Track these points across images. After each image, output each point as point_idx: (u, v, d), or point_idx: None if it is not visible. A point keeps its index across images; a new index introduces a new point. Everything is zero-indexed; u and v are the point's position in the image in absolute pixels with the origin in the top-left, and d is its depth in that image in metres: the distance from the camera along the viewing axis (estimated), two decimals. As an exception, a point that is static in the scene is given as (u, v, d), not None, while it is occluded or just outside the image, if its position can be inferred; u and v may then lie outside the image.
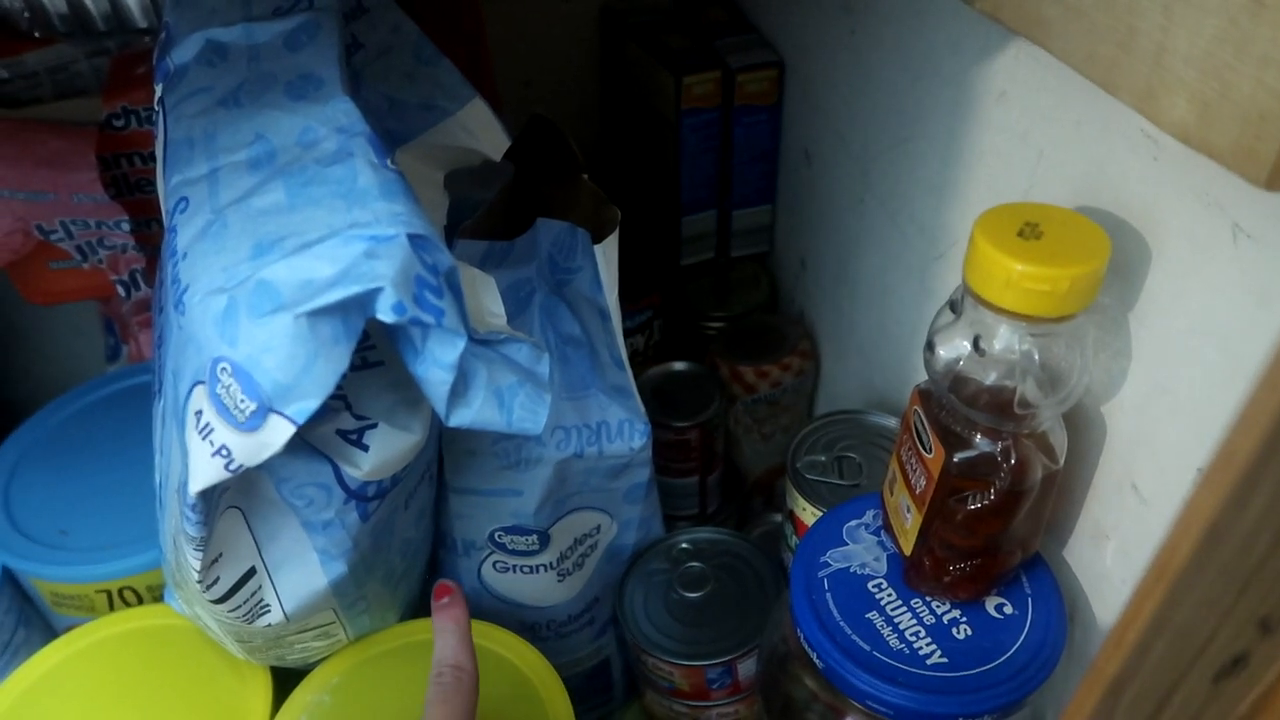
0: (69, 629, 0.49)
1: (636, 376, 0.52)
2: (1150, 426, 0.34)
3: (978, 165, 0.43)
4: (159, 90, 0.41)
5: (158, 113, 0.40)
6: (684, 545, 0.56)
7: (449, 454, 0.49)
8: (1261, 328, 0.29)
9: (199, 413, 0.32)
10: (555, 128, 0.52)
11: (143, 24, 0.60)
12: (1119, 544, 0.37)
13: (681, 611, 0.53)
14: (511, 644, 0.47)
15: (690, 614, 0.52)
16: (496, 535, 0.51)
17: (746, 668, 0.51)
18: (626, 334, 0.53)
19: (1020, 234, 0.32)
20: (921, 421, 0.37)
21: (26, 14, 0.58)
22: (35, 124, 0.57)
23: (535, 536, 0.51)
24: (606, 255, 0.48)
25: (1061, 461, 0.36)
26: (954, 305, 0.35)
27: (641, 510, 0.55)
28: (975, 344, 0.34)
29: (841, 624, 0.39)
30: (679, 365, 0.64)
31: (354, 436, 0.39)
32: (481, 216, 0.49)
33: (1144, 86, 0.27)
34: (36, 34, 0.58)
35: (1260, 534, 0.18)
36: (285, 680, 0.47)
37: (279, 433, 0.31)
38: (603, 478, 0.52)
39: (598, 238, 0.48)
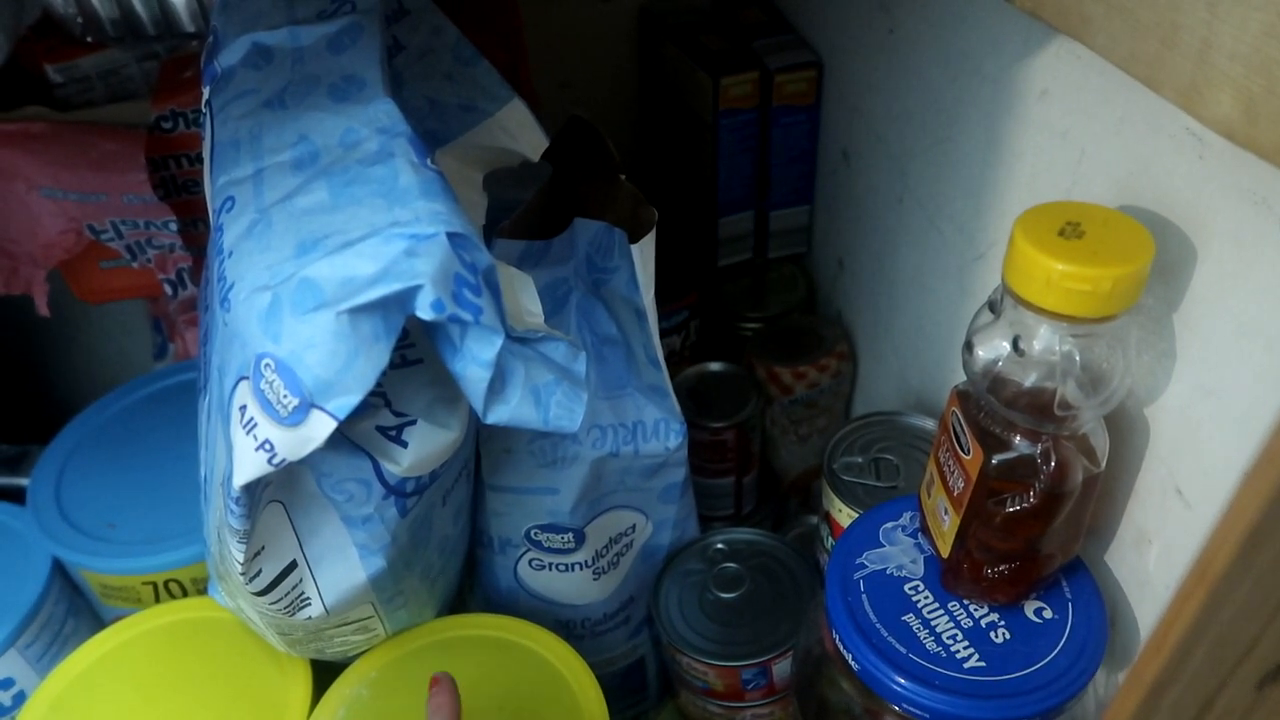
0: (116, 620, 0.50)
1: (673, 377, 0.52)
2: (1195, 429, 0.34)
3: (1018, 164, 0.43)
4: (206, 93, 0.41)
5: (204, 115, 0.41)
6: (719, 546, 0.56)
7: (486, 452, 0.50)
8: (1310, 329, 0.28)
9: (243, 408, 0.33)
10: (593, 128, 0.53)
11: (191, 28, 0.61)
12: (1162, 548, 0.37)
13: (716, 612, 0.53)
14: (546, 641, 0.47)
15: (725, 614, 0.52)
16: (532, 533, 0.52)
17: (781, 669, 0.51)
18: (663, 334, 0.53)
19: (1061, 233, 0.31)
20: (959, 423, 0.37)
21: (79, 20, 0.59)
22: (88, 127, 0.58)
23: (571, 535, 0.51)
24: (643, 255, 0.48)
25: (1103, 464, 0.35)
26: (993, 306, 0.35)
27: (677, 510, 0.55)
28: (1015, 345, 0.33)
29: (877, 626, 0.39)
30: (715, 366, 0.64)
31: (393, 433, 0.39)
32: (519, 216, 0.50)
33: (1188, 83, 0.27)
34: (89, 39, 0.60)
35: (1306, 537, 0.18)
36: (324, 673, 0.47)
37: (320, 428, 0.32)
38: (638, 477, 0.52)
39: (635, 238, 0.48)
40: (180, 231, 0.59)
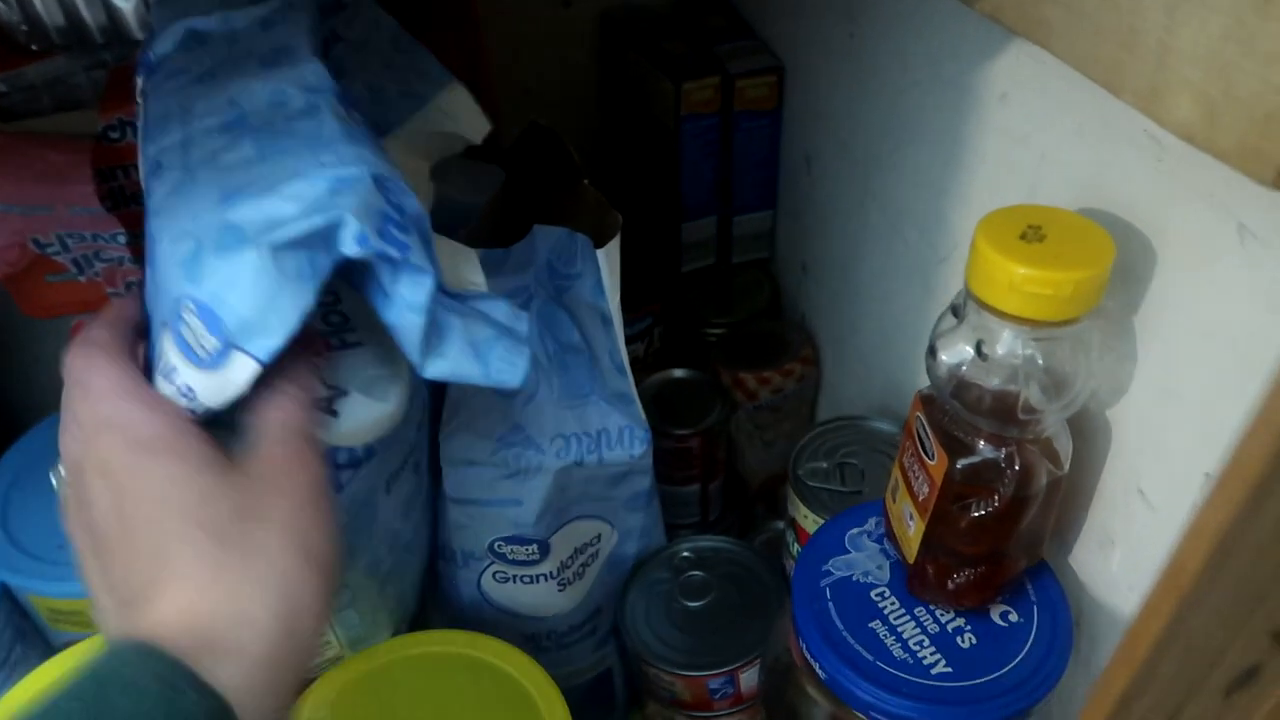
0: (67, 645, 0.48)
1: (637, 384, 0.52)
2: (1157, 431, 0.34)
3: (979, 168, 0.43)
4: (140, 83, 0.40)
5: (139, 105, 0.40)
6: (686, 554, 0.55)
7: (448, 464, 0.49)
8: (1271, 330, 0.28)
9: (164, 356, 0.32)
10: (554, 135, 0.52)
11: (139, 36, 0.59)
12: (1126, 550, 0.37)
13: (683, 621, 0.52)
14: (511, 657, 0.47)
15: (692, 623, 0.52)
16: (496, 545, 0.51)
17: (749, 678, 0.50)
18: (627, 341, 0.52)
19: (1023, 237, 0.31)
20: (924, 427, 0.36)
21: (24, 27, 0.58)
22: (33, 137, 0.57)
23: (535, 546, 0.51)
24: (609, 259, 0.48)
25: (1067, 467, 0.35)
26: (956, 310, 0.34)
27: (643, 519, 0.54)
28: (978, 349, 0.33)
29: (844, 633, 0.38)
30: (680, 372, 0.63)
31: (324, 404, 0.38)
32: (475, 226, 0.49)
33: (1147, 87, 0.27)
34: (34, 47, 0.58)
35: (1273, 545, 0.18)
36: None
37: (242, 370, 0.31)
38: (603, 486, 0.51)
39: (600, 243, 0.47)
40: (129, 244, 0.57)
